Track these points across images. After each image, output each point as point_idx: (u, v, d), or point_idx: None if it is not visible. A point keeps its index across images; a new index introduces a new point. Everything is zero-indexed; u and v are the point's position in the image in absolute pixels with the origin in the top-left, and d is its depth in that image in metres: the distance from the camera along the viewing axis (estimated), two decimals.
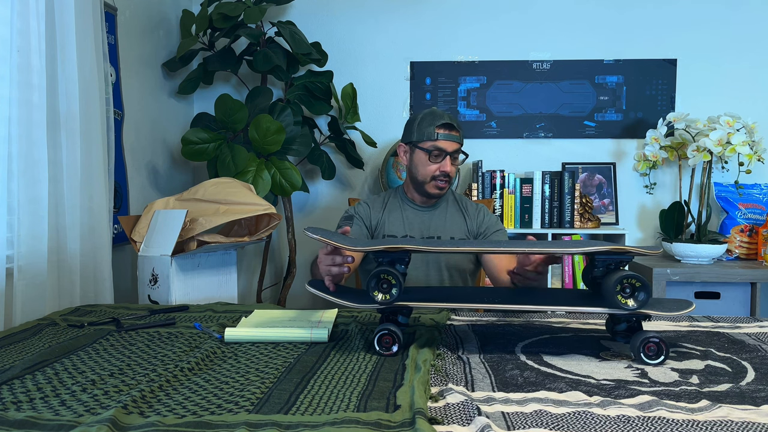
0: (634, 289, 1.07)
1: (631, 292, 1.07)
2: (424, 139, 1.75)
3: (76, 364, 1.05)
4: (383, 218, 1.85)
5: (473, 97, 2.82)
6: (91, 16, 1.79)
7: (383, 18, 2.83)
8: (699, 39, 2.74)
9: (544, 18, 2.78)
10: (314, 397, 0.88)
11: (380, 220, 1.85)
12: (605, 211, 2.78)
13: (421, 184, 1.80)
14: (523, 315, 1.46)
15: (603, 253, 1.12)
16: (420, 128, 1.76)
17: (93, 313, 1.47)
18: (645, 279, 1.06)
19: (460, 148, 1.78)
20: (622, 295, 1.07)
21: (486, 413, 0.82)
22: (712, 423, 0.79)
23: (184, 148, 2.30)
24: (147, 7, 2.46)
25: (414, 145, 1.78)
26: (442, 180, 1.77)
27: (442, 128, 1.74)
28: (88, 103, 1.78)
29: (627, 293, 1.07)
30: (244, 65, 2.62)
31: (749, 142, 2.41)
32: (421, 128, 1.76)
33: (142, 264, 1.82)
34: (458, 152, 1.78)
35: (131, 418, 0.80)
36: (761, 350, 1.15)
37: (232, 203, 1.87)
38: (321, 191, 2.90)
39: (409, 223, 1.84)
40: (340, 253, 1.26)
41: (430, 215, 1.85)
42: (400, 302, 1.13)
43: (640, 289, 1.06)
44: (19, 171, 1.55)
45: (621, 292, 1.07)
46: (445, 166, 1.75)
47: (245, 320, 1.33)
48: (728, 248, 2.65)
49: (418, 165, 1.78)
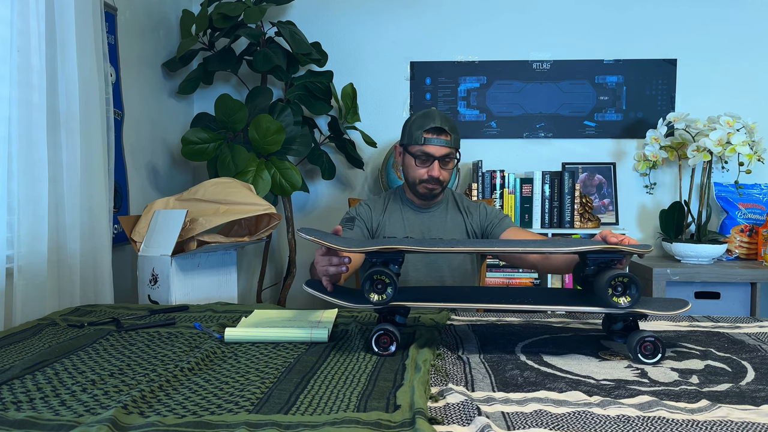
0: (624, 286, 1.07)
1: (623, 290, 1.08)
2: (413, 143, 1.74)
3: (76, 364, 1.05)
4: (384, 220, 1.84)
5: (473, 97, 2.82)
6: (91, 16, 1.79)
7: (383, 18, 2.83)
8: (699, 39, 2.74)
9: (544, 18, 2.78)
10: (314, 397, 0.88)
11: (381, 221, 1.84)
12: (605, 211, 2.78)
13: (412, 186, 1.80)
14: (523, 315, 1.46)
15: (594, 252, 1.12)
16: (410, 131, 1.75)
17: (93, 313, 1.47)
18: (632, 275, 1.07)
19: (451, 152, 1.74)
20: (615, 293, 1.07)
21: (486, 413, 0.82)
22: (711, 423, 0.79)
23: (184, 148, 2.30)
24: (147, 7, 2.46)
25: (405, 147, 1.78)
26: (430, 184, 1.75)
27: (431, 132, 1.71)
28: (88, 103, 1.78)
29: (619, 291, 1.08)
30: (244, 65, 2.62)
31: (749, 142, 2.41)
32: (411, 131, 1.74)
33: (142, 264, 1.82)
34: (449, 156, 1.74)
35: (131, 418, 0.80)
36: (761, 350, 1.15)
37: (232, 203, 1.87)
38: (321, 191, 2.90)
39: (410, 225, 1.83)
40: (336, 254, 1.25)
41: (429, 216, 1.85)
42: (398, 302, 1.13)
43: (629, 285, 1.07)
44: (19, 171, 1.55)
45: (613, 292, 1.07)
46: (433, 170, 1.73)
47: (245, 320, 1.33)
48: (728, 248, 2.65)
49: (408, 167, 1.79)
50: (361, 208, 1.87)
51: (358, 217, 1.84)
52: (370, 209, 1.87)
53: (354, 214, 1.85)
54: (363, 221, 1.84)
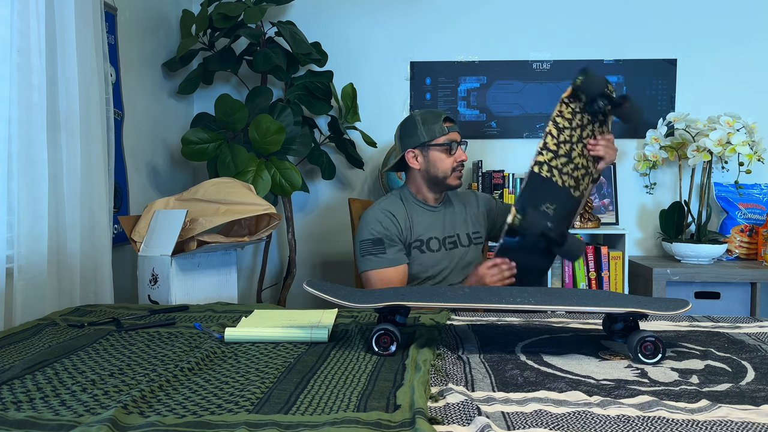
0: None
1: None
2: (437, 135, 1.79)
3: (76, 364, 1.05)
4: (411, 226, 1.82)
5: (473, 97, 2.82)
6: (91, 16, 1.79)
7: (383, 18, 2.83)
8: (699, 39, 2.74)
9: (544, 18, 2.78)
10: (314, 397, 0.88)
11: (409, 228, 1.82)
12: (605, 211, 2.78)
13: (442, 181, 1.82)
14: (523, 315, 1.46)
15: None
16: (427, 128, 1.80)
17: (93, 313, 1.47)
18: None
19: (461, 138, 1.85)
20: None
21: (486, 413, 0.82)
22: (711, 423, 0.79)
23: (184, 148, 2.30)
24: (147, 7, 2.46)
25: (426, 145, 1.80)
26: (459, 169, 1.83)
27: (447, 121, 1.82)
28: (88, 103, 1.78)
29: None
30: (244, 65, 2.62)
31: (749, 142, 2.41)
32: (427, 127, 1.80)
33: (142, 264, 1.82)
34: (462, 142, 1.85)
35: (131, 418, 0.80)
36: (761, 350, 1.15)
37: (232, 203, 1.87)
38: (321, 191, 2.89)
39: (429, 225, 1.85)
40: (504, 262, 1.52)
41: (442, 214, 1.88)
42: (398, 302, 1.13)
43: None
44: (19, 171, 1.55)
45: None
46: (461, 155, 1.82)
47: (245, 320, 1.33)
48: (728, 248, 2.65)
49: (436, 163, 1.80)
50: (384, 225, 1.78)
51: (386, 238, 1.77)
52: (394, 220, 1.80)
53: (379, 234, 1.77)
54: (392, 238, 1.78)
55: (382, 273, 1.76)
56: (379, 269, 1.76)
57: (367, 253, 1.77)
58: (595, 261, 2.56)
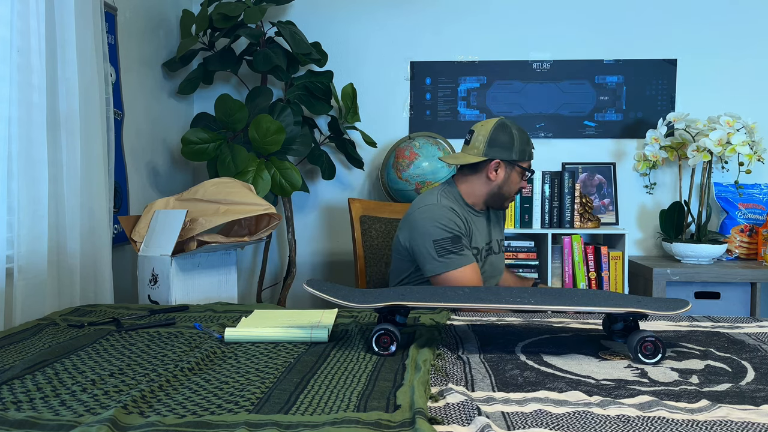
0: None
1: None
2: (525, 159, 1.78)
3: (76, 364, 1.05)
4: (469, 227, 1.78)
5: (473, 97, 2.82)
6: (91, 16, 1.79)
7: (383, 18, 2.83)
8: (699, 39, 2.74)
9: (544, 18, 2.78)
10: (314, 397, 0.88)
11: (470, 232, 1.77)
12: (605, 211, 2.78)
13: (504, 200, 1.81)
14: (523, 315, 1.46)
15: None
16: (521, 148, 1.75)
17: (93, 313, 1.47)
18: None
19: None
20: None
21: (486, 413, 0.82)
22: (711, 423, 0.79)
23: (184, 148, 2.30)
24: (147, 7, 2.46)
25: (514, 163, 1.76)
26: None
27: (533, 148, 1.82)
28: (88, 103, 1.78)
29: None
30: (244, 65, 2.62)
31: (749, 142, 2.41)
32: (522, 148, 1.76)
33: (142, 264, 1.82)
34: None
35: (131, 418, 0.80)
36: (761, 350, 1.15)
37: (232, 203, 1.87)
38: (321, 191, 2.90)
39: (480, 231, 1.83)
40: None
41: (486, 220, 1.87)
42: (398, 302, 1.13)
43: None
44: (19, 171, 1.55)
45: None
46: (526, 185, 1.84)
47: (245, 320, 1.33)
48: (728, 248, 2.65)
49: (511, 183, 1.77)
50: (457, 221, 1.71)
51: (463, 235, 1.71)
52: (461, 220, 1.73)
53: (457, 232, 1.69)
54: (463, 235, 1.72)
55: (467, 272, 1.65)
56: (463, 267, 1.65)
57: (447, 252, 1.65)
58: (595, 261, 2.56)
